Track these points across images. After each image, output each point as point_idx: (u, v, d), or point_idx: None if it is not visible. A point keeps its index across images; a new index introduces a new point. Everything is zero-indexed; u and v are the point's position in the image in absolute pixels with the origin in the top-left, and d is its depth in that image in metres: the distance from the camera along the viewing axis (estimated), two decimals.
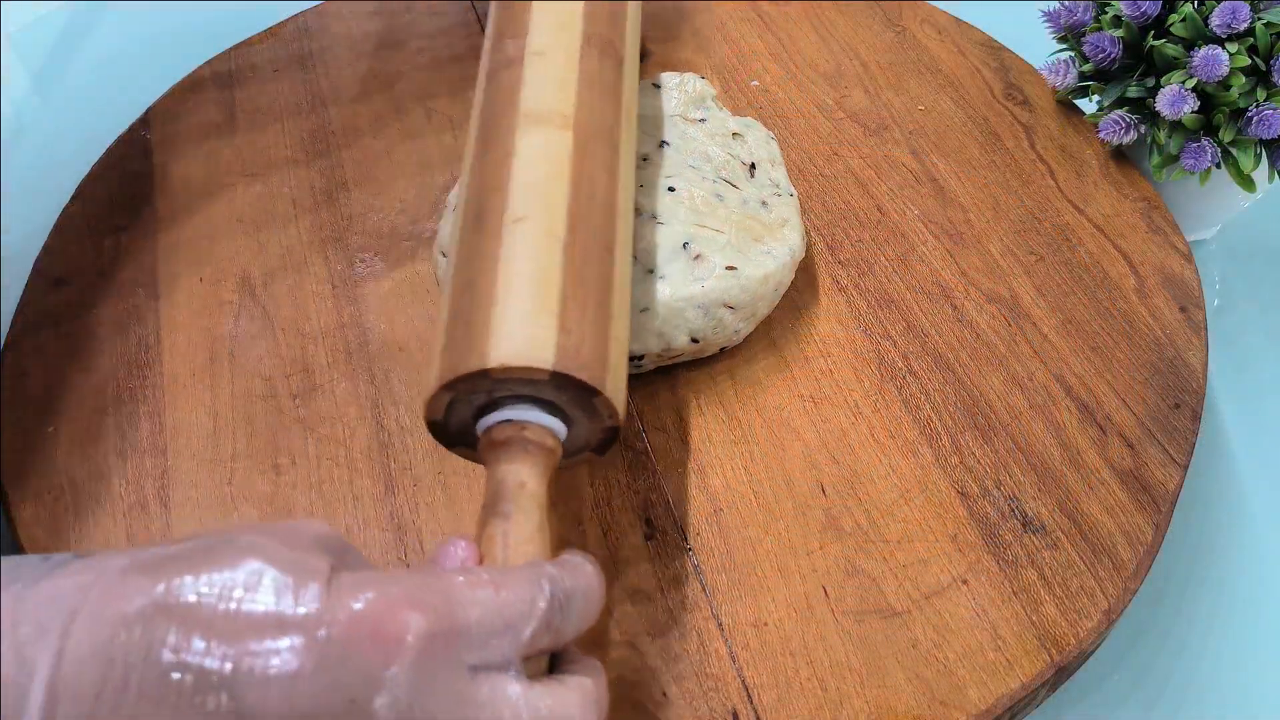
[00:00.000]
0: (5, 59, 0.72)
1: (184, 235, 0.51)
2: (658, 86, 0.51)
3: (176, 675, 0.24)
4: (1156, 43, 0.48)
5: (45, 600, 0.24)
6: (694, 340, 0.43)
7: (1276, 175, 0.49)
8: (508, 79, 0.40)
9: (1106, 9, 0.51)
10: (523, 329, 0.33)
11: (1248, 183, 0.49)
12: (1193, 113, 0.47)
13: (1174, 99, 0.47)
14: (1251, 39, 0.47)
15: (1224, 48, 0.46)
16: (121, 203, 0.53)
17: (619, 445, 0.42)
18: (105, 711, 0.23)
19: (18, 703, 0.23)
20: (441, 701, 0.25)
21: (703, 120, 0.49)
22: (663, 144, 0.48)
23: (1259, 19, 0.47)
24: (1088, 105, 0.54)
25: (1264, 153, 0.49)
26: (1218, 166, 0.49)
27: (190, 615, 0.24)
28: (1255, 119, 0.47)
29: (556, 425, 0.34)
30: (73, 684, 0.23)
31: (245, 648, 0.24)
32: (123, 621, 0.24)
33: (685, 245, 0.43)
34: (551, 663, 0.29)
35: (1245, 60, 0.46)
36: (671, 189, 0.45)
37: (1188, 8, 0.48)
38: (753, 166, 0.47)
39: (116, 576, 0.25)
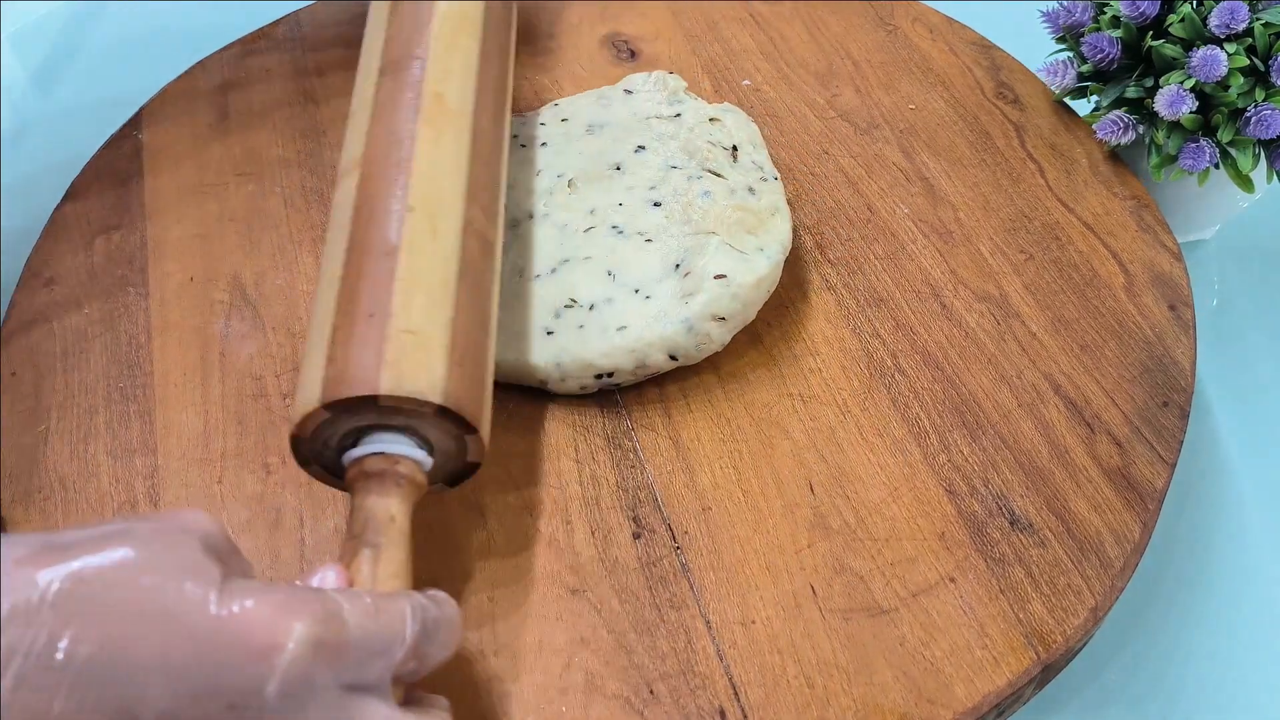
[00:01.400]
0: (5, 59, 0.72)
1: (175, 235, 0.51)
2: (629, 92, 0.51)
3: (61, 662, 0.24)
4: (1155, 43, 0.48)
5: None
6: (673, 358, 0.43)
7: (1275, 175, 0.49)
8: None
9: (1105, 9, 0.51)
10: (413, 356, 0.34)
11: (1246, 183, 0.49)
12: (1191, 113, 0.47)
13: (1172, 99, 0.47)
14: (1250, 39, 0.47)
15: (1222, 48, 0.46)
16: (112, 202, 0.53)
17: (607, 444, 0.42)
18: None
19: None
20: (313, 715, 0.26)
21: (678, 115, 0.49)
22: (639, 149, 0.47)
23: (1257, 19, 0.47)
24: (1087, 105, 0.54)
25: (1262, 153, 0.49)
26: (1216, 167, 0.49)
27: (75, 606, 0.25)
28: (1254, 119, 0.47)
29: (424, 459, 0.34)
30: None
31: (128, 639, 0.25)
32: (13, 613, 0.24)
33: (677, 265, 0.43)
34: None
35: (1244, 60, 0.46)
36: (657, 204, 0.45)
37: (1186, 8, 0.48)
38: (734, 149, 0.47)
39: (11, 568, 0.25)
